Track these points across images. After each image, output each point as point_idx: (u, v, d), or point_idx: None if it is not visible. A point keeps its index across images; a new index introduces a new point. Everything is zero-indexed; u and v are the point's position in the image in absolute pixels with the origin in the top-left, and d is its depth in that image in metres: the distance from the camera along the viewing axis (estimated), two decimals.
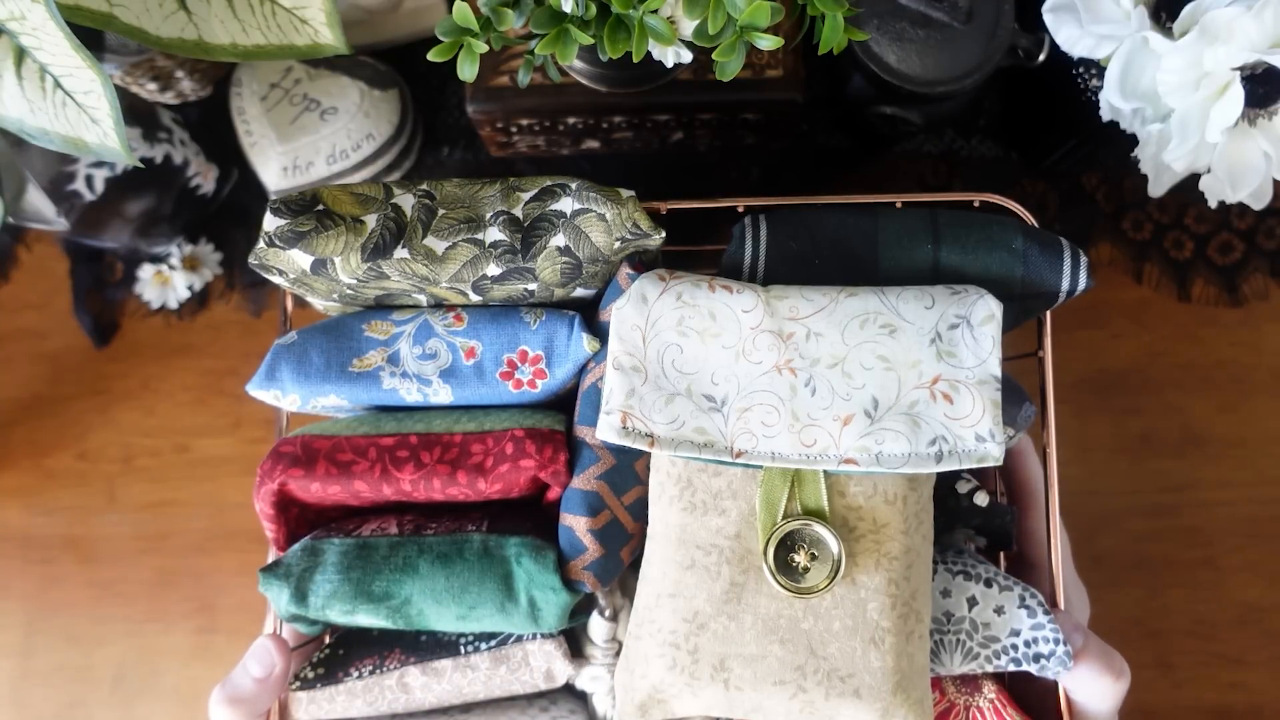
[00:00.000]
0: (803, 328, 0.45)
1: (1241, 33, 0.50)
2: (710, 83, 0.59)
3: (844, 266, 0.47)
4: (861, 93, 0.62)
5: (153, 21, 0.53)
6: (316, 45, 0.55)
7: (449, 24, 0.43)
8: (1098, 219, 0.72)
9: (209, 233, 0.74)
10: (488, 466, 0.46)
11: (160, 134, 0.67)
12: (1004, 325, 0.45)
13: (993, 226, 0.47)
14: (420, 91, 0.72)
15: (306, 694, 0.48)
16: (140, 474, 0.74)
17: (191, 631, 0.72)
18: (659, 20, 0.43)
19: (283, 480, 0.46)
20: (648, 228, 0.45)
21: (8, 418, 0.75)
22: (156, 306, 0.74)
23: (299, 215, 0.45)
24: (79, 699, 0.72)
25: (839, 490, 0.44)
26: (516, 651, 0.48)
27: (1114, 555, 0.70)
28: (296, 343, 0.48)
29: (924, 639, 0.44)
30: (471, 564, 0.46)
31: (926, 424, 0.43)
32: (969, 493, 0.49)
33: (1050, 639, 0.46)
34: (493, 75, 0.59)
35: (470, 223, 0.46)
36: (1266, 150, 0.53)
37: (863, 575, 0.43)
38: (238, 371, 0.74)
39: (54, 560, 0.74)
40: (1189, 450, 0.71)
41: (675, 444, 0.44)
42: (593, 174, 0.48)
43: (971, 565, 0.47)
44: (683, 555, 0.44)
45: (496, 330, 0.48)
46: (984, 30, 0.57)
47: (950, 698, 0.48)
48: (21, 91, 0.50)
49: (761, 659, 0.43)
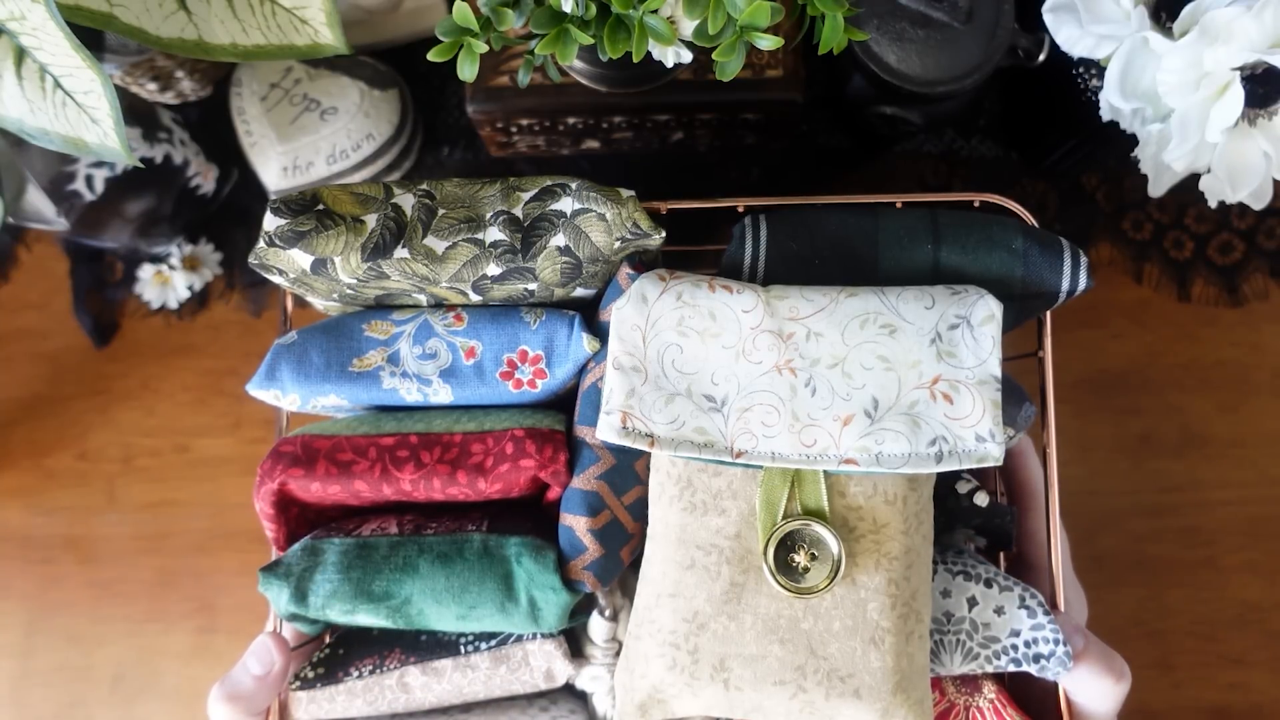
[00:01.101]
0: (803, 328, 0.45)
1: (1241, 33, 0.50)
2: (710, 83, 0.59)
3: (844, 266, 0.47)
4: (861, 93, 0.62)
5: (153, 21, 0.53)
6: (316, 45, 0.55)
7: (449, 24, 0.43)
8: (1098, 219, 0.72)
9: (209, 233, 0.74)
10: (488, 466, 0.46)
11: (160, 134, 0.67)
12: (1004, 325, 0.45)
13: (993, 226, 0.47)
14: (420, 91, 0.72)
15: (306, 694, 0.48)
16: (140, 474, 0.74)
17: (191, 631, 0.72)
18: (659, 20, 0.43)
19: (283, 480, 0.46)
20: (648, 227, 0.45)
21: (8, 418, 0.75)
22: (156, 306, 0.74)
23: (299, 215, 0.45)
24: (79, 699, 0.72)
25: (839, 490, 0.44)
26: (516, 651, 0.48)
27: (1114, 555, 0.70)
28: (296, 342, 0.48)
29: (924, 639, 0.44)
30: (471, 564, 0.46)
31: (926, 424, 0.43)
32: (969, 493, 0.49)
33: (1050, 639, 0.46)
34: (493, 75, 0.59)
35: (470, 222, 0.46)
36: (1266, 150, 0.54)
37: (863, 575, 0.43)
38: (238, 371, 0.74)
39: (54, 560, 0.74)
40: (1189, 450, 0.71)
41: (675, 444, 0.44)
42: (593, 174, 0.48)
43: (971, 565, 0.47)
44: (683, 555, 0.44)
45: (496, 330, 0.48)
46: (984, 30, 0.57)
47: (950, 698, 0.48)
48: (21, 91, 0.50)
49: (761, 659, 0.43)
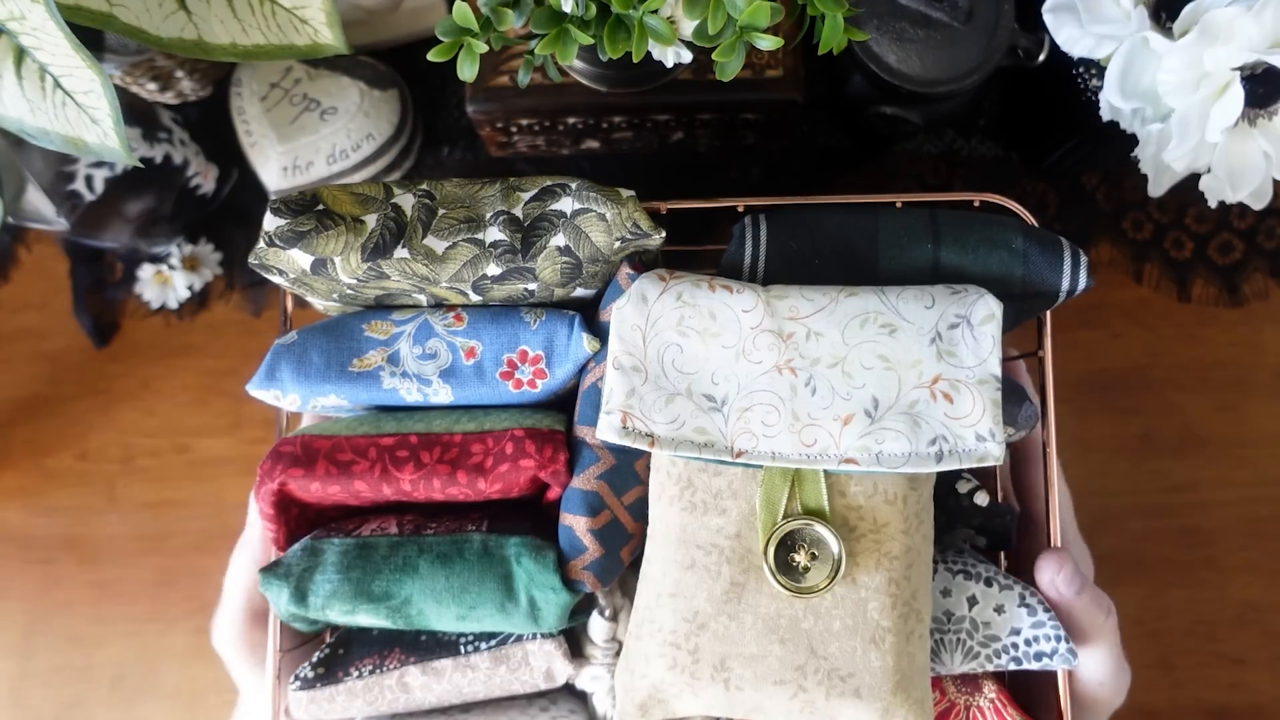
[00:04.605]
0: (803, 327, 0.45)
1: (1241, 33, 0.50)
2: (710, 83, 0.59)
3: (844, 266, 0.47)
4: (861, 93, 0.62)
5: (153, 21, 0.53)
6: (316, 45, 0.55)
7: (449, 24, 0.43)
8: (1098, 219, 0.72)
9: (209, 233, 0.74)
10: (487, 466, 0.46)
11: (160, 134, 0.67)
12: (1004, 325, 0.45)
13: (993, 226, 0.47)
14: (420, 91, 0.72)
15: (306, 693, 0.48)
16: (140, 474, 0.74)
17: (191, 631, 0.72)
18: (659, 20, 0.43)
19: (283, 480, 0.46)
20: (648, 227, 0.45)
21: (8, 418, 0.75)
22: (156, 306, 0.74)
23: (299, 215, 0.45)
24: (79, 699, 0.72)
25: (839, 490, 0.44)
26: (516, 651, 0.48)
27: (1114, 555, 0.70)
28: (296, 342, 0.48)
29: (924, 638, 0.44)
30: (471, 564, 0.46)
31: (927, 423, 0.43)
32: (969, 492, 0.49)
33: (1051, 636, 0.46)
34: (493, 75, 0.59)
35: (470, 222, 0.46)
36: (1266, 150, 0.54)
37: (863, 575, 0.43)
38: (238, 371, 0.74)
39: (54, 560, 0.74)
40: (1189, 450, 0.71)
41: (675, 444, 0.44)
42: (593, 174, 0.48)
43: (971, 564, 0.47)
44: (683, 555, 0.44)
45: (496, 330, 0.48)
46: (984, 30, 0.57)
47: (951, 697, 0.48)
48: (21, 91, 0.50)
49: (762, 659, 0.43)
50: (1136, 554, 0.70)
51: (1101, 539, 0.69)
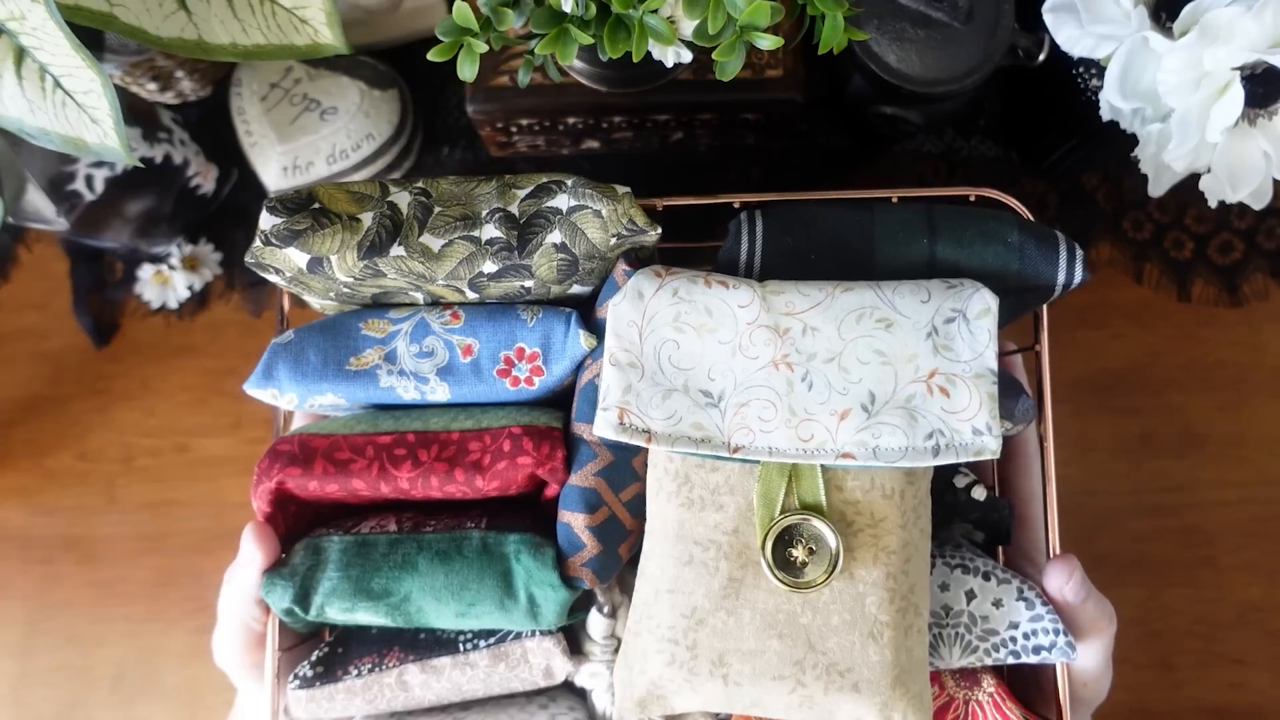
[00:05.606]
0: (799, 323, 0.45)
1: (1241, 33, 0.50)
2: (710, 83, 0.59)
3: (840, 261, 0.47)
4: (861, 93, 0.62)
5: (153, 21, 0.53)
6: (316, 45, 0.55)
7: (449, 24, 0.43)
8: (1098, 219, 0.72)
9: (209, 233, 0.74)
10: (485, 464, 0.46)
11: (160, 134, 0.67)
12: (1000, 319, 0.45)
13: (988, 221, 0.47)
14: (420, 91, 0.73)
15: (306, 692, 0.48)
16: (140, 474, 0.74)
17: (191, 631, 0.72)
18: (659, 20, 0.43)
19: (280, 479, 0.46)
20: (643, 224, 0.45)
21: (8, 418, 0.75)
22: (156, 306, 0.74)
23: (295, 213, 0.46)
24: (79, 699, 0.72)
25: (836, 485, 0.44)
26: (515, 649, 0.48)
27: (1114, 555, 0.70)
28: (293, 341, 0.48)
29: (922, 633, 0.44)
30: (470, 561, 0.46)
31: (923, 418, 0.43)
32: (966, 487, 0.49)
33: (1049, 630, 0.46)
34: (493, 75, 0.59)
35: (466, 220, 0.46)
36: (1266, 150, 0.54)
37: (861, 570, 0.43)
38: (238, 371, 0.74)
39: (54, 560, 0.74)
40: (1189, 450, 0.71)
41: (672, 440, 0.44)
42: (592, 174, 0.48)
43: (969, 559, 0.47)
44: (681, 551, 0.44)
45: (493, 328, 0.48)
46: (984, 30, 0.57)
47: (949, 692, 0.48)
48: (21, 91, 0.50)
49: (760, 654, 0.43)
50: (1136, 554, 0.70)
51: (1101, 539, 0.70)
